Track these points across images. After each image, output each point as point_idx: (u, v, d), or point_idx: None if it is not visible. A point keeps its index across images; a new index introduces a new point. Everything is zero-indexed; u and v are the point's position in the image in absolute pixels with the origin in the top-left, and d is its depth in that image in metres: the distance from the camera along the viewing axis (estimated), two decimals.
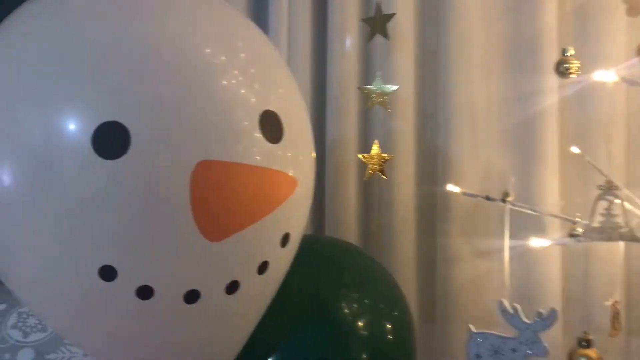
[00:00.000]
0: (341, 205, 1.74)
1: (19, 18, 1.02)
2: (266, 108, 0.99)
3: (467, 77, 1.62)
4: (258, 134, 0.97)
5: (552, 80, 1.51)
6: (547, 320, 1.19)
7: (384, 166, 1.58)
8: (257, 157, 0.96)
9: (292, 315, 1.29)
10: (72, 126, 0.89)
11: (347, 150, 1.73)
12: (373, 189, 1.73)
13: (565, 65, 1.33)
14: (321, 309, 1.30)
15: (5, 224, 0.96)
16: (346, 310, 1.31)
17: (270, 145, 0.98)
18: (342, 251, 1.48)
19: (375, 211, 1.74)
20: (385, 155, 1.58)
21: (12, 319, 1.30)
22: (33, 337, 1.29)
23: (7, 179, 0.93)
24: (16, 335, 1.28)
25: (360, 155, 1.61)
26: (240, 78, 1.00)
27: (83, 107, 0.89)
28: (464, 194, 1.43)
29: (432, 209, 1.68)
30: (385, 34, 1.59)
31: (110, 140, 0.87)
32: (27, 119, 0.91)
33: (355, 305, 1.33)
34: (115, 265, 0.92)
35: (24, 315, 1.33)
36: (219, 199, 0.92)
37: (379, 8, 1.60)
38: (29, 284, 1.02)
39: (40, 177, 0.91)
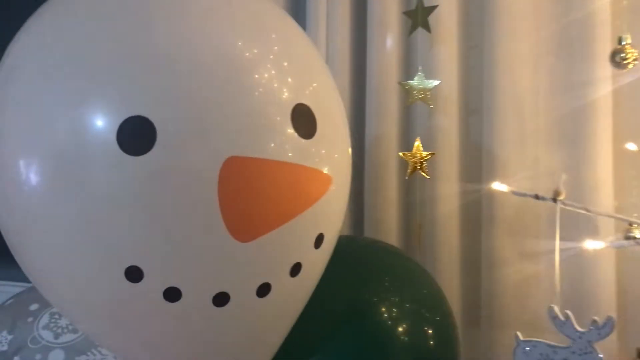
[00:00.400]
0: (381, 205, 1.70)
1: (45, 12, 1.00)
2: (299, 102, 0.94)
3: (513, 69, 1.55)
4: (290, 129, 0.92)
5: (605, 70, 1.43)
6: (602, 329, 1.11)
7: (425, 164, 1.55)
8: (289, 154, 0.92)
9: (328, 320, 1.25)
10: (96, 121, 0.86)
11: (387, 147, 1.70)
12: (414, 188, 1.69)
13: (621, 55, 1.25)
14: (359, 313, 1.26)
15: (32, 223, 0.93)
16: (385, 315, 1.27)
17: (303, 140, 0.94)
18: (381, 252, 1.44)
19: (416, 211, 1.68)
20: (427, 152, 1.55)
21: (44, 319, 1.30)
22: (64, 339, 1.28)
23: (34, 178, 0.90)
24: (47, 336, 1.27)
25: (401, 153, 1.58)
26: (273, 72, 0.95)
27: (108, 102, 0.86)
28: (512, 192, 1.35)
29: (476, 209, 1.62)
30: (427, 27, 1.56)
31: (136, 135, 0.84)
32: (52, 115, 0.89)
33: (394, 310, 1.28)
34: (141, 266, 0.89)
35: (56, 316, 1.32)
36: (249, 197, 0.88)
37: (420, 0, 1.55)
38: (55, 285, 1.00)
39: (65, 175, 0.88)
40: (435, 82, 1.55)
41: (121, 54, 0.88)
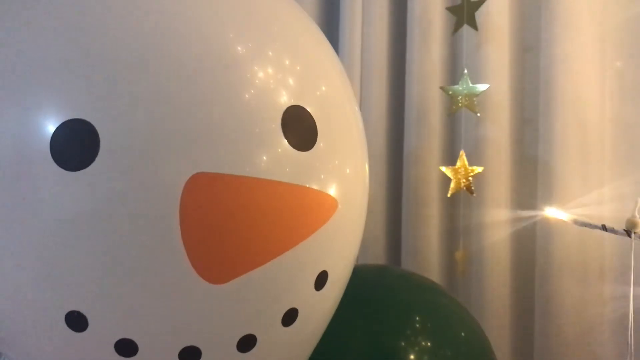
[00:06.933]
0: (420, 229, 1.59)
1: None
2: (293, 104, 0.78)
3: (575, 74, 1.43)
4: (280, 138, 0.75)
5: None
6: None
7: (471, 182, 1.46)
8: (277, 169, 0.75)
9: None
10: (31, 128, 0.71)
11: (427, 161, 1.60)
12: (458, 209, 1.58)
13: None
14: None
15: None
16: None
17: (298, 153, 0.77)
18: (415, 287, 1.28)
19: (460, 237, 1.56)
20: (474, 168, 1.46)
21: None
22: None
23: None
24: None
25: (442, 168, 1.49)
26: (270, 70, 0.79)
27: (43, 100, 0.71)
28: (573, 221, 1.20)
29: (531, 239, 1.49)
30: (473, 24, 1.46)
31: (72, 145, 0.69)
32: None
33: (425, 358, 1.12)
34: (84, 312, 0.73)
35: None
36: (221, 225, 0.71)
37: None
38: None
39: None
40: (484, 87, 1.46)
41: (63, 39, 0.73)
